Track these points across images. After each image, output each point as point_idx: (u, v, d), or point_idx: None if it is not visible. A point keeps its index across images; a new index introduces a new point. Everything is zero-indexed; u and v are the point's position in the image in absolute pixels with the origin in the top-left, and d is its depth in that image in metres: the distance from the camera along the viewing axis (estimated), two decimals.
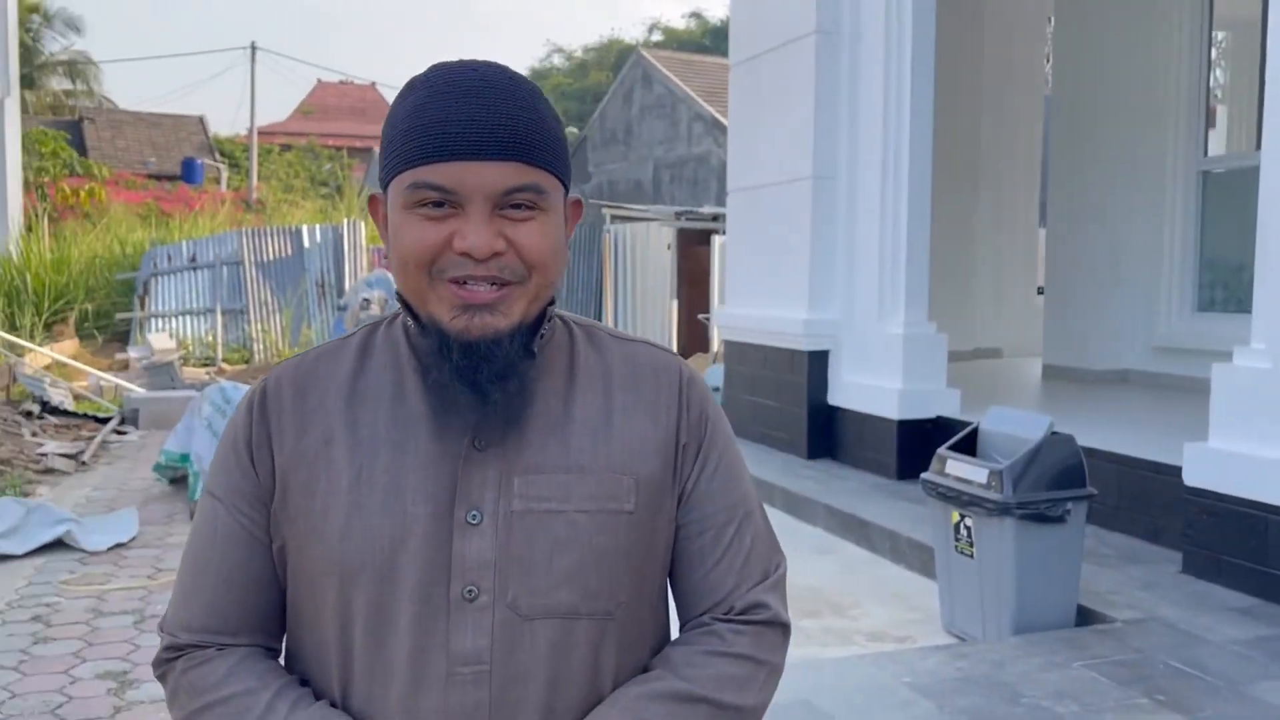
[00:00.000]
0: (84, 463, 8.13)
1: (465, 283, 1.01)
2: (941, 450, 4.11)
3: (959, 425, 5.19)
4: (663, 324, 14.07)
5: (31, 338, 12.88)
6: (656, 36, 51.72)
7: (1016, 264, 10.50)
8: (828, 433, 6.95)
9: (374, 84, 51.41)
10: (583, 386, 1.11)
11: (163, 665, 1.11)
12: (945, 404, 6.33)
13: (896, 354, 6.39)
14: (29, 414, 9.14)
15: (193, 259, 14.49)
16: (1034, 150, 10.63)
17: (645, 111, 25.14)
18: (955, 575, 4.04)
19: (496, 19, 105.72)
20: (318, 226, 14.97)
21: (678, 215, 13.77)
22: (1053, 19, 9.96)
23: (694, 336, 14.20)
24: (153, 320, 13.85)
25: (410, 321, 1.08)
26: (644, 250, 14.50)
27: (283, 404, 1.10)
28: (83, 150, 29.23)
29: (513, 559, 1.04)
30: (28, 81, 36.18)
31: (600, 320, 15.28)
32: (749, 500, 1.17)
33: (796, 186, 7.16)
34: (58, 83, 37.95)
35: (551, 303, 1.11)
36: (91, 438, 9.08)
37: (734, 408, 7.88)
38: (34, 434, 8.74)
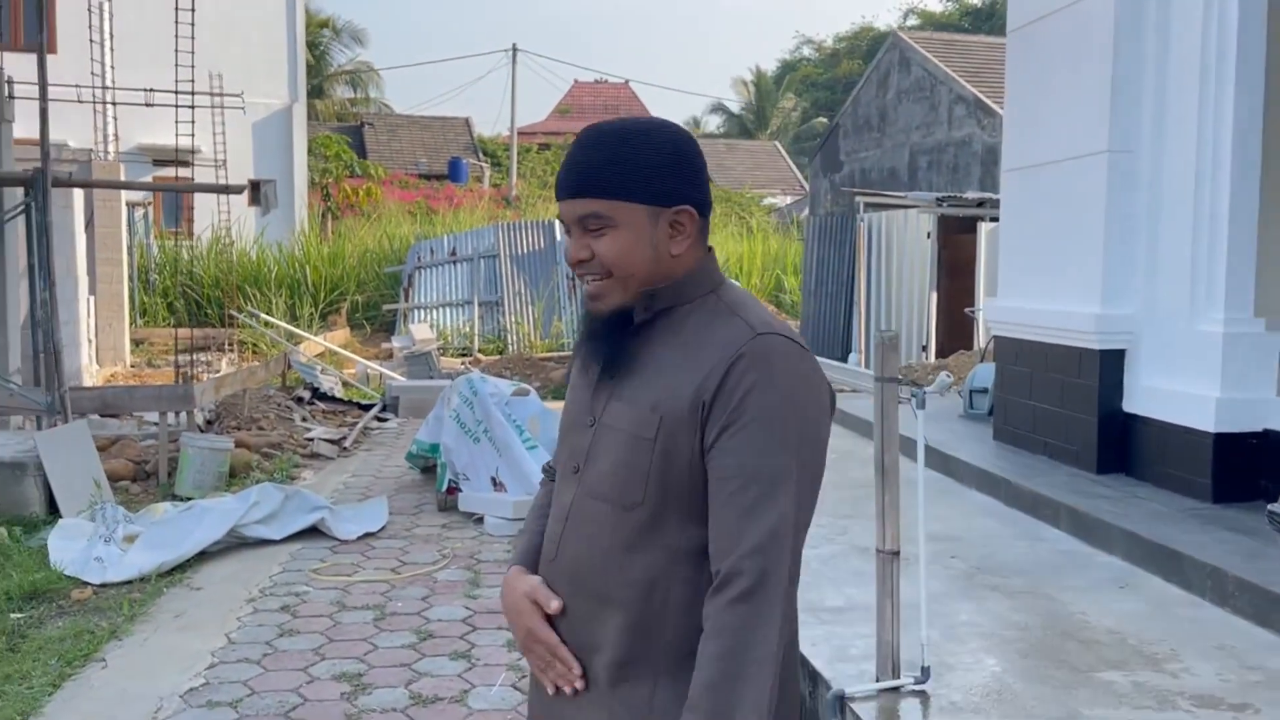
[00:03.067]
0: (346, 448, 8.41)
1: (584, 279, 1.50)
2: None
3: None
4: (920, 317, 13.20)
5: (308, 327, 13.74)
6: (912, 21, 49.94)
7: None
8: (1122, 445, 6.06)
9: (627, 82, 52.52)
10: (671, 346, 1.48)
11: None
12: (1277, 415, 5.32)
13: (1214, 355, 5.43)
14: (300, 400, 9.62)
15: (453, 253, 15.03)
16: None
17: (902, 96, 23.96)
18: None
19: (744, 14, 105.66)
20: None
21: (939, 201, 12.86)
22: None
23: (955, 331, 13.23)
24: (415, 311, 14.48)
25: None
26: (900, 239, 13.67)
27: None
28: (363, 153, 31.31)
29: (592, 453, 1.51)
30: (317, 91, 39.33)
31: (854, 312, 14.65)
32: (773, 473, 1.38)
33: (1087, 163, 6.29)
34: (343, 91, 40.98)
35: (678, 286, 1.49)
36: (354, 424, 9.44)
37: (1007, 412, 7.08)
38: (303, 419, 9.17)
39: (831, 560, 4.98)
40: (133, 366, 12.42)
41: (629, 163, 1.42)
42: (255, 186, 19.51)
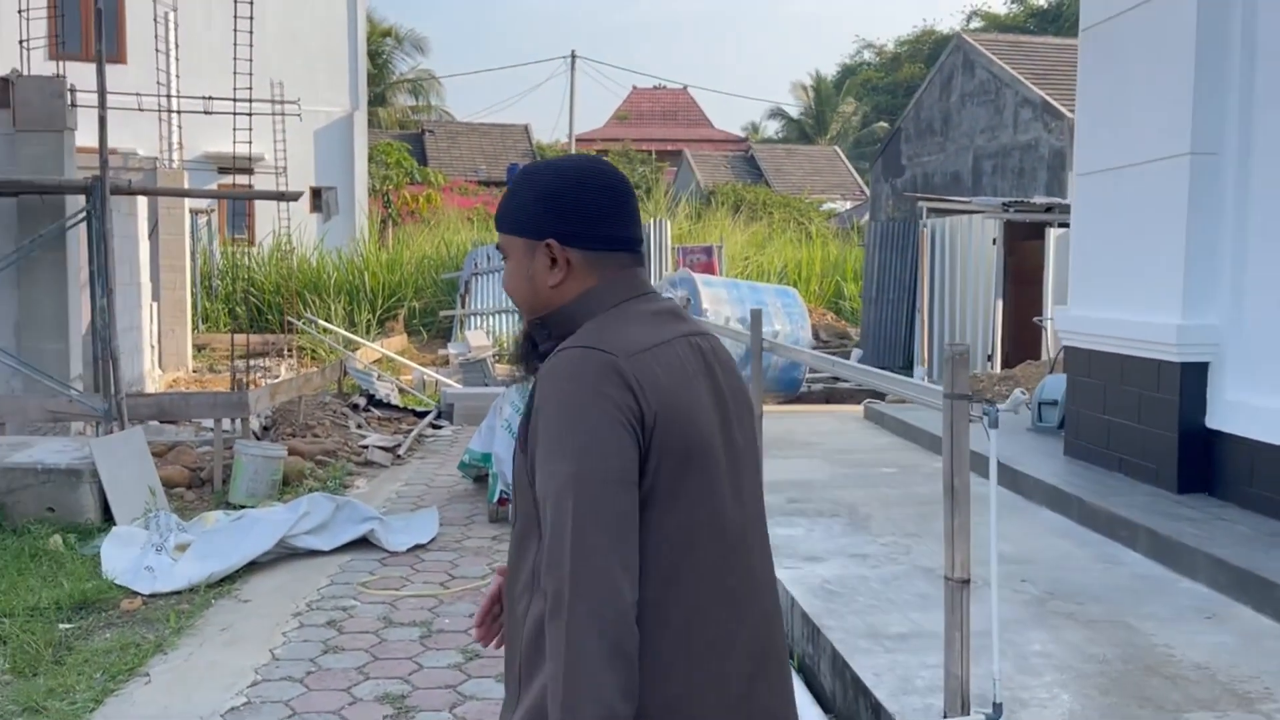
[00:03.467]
0: (400, 456, 8.36)
1: None
2: None
3: None
4: (985, 326, 12.84)
5: (366, 333, 13.80)
6: (975, 23, 49.14)
7: None
8: (1205, 463, 5.74)
9: (685, 87, 52.44)
10: None
11: None
12: None
13: None
14: (355, 406, 9.61)
15: None
16: None
17: (965, 99, 23.50)
18: None
19: (805, 19, 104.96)
20: None
21: (1005, 206, 12.51)
22: None
23: (1021, 341, 12.86)
24: (472, 318, 14.48)
25: None
26: (964, 245, 13.33)
27: None
28: (423, 160, 31.55)
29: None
30: (379, 99, 39.76)
31: (915, 320, 14.33)
32: (558, 489, 1.36)
33: (1168, 166, 5.99)
34: (404, 99, 41.39)
35: (561, 317, 1.54)
36: (409, 431, 9.41)
37: (1079, 426, 6.79)
38: (358, 426, 9.15)
39: (894, 582, 4.77)
40: (194, 372, 12.56)
41: (513, 199, 1.56)
42: (316, 194, 19.70)
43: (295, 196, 7.99)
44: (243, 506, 6.65)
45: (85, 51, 19.36)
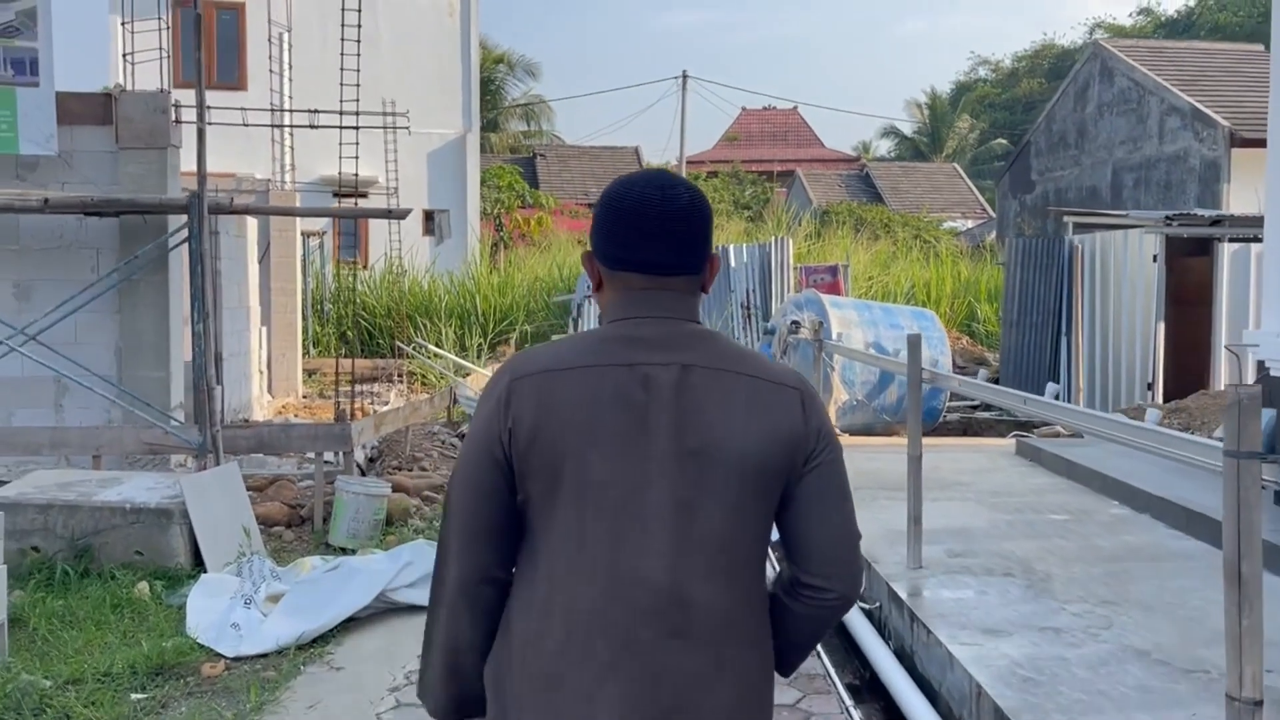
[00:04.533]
0: None
1: None
2: None
3: None
4: (1145, 351, 11.67)
5: (477, 357, 13.37)
6: (1100, 36, 47.22)
7: None
8: None
9: (795, 107, 51.73)
10: None
11: None
12: None
13: None
14: (464, 436, 9.10)
15: None
16: None
17: (1103, 109, 22.13)
18: None
19: (914, 40, 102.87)
20: (744, 246, 14.32)
21: (1168, 220, 11.35)
22: None
23: (1184, 368, 11.65)
24: None
25: None
26: (1119, 263, 12.19)
27: None
28: (534, 184, 31.47)
29: None
30: (492, 125, 40.06)
31: (1061, 345, 13.24)
32: None
33: None
34: (516, 125, 41.66)
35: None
36: None
37: None
38: None
39: (1103, 668, 3.90)
40: (305, 397, 12.29)
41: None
42: (429, 216, 19.51)
43: (403, 214, 7.53)
44: (343, 549, 6.15)
45: (208, 76, 19.69)
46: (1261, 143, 16.66)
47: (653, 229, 1.57)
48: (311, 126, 8.23)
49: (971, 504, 7.02)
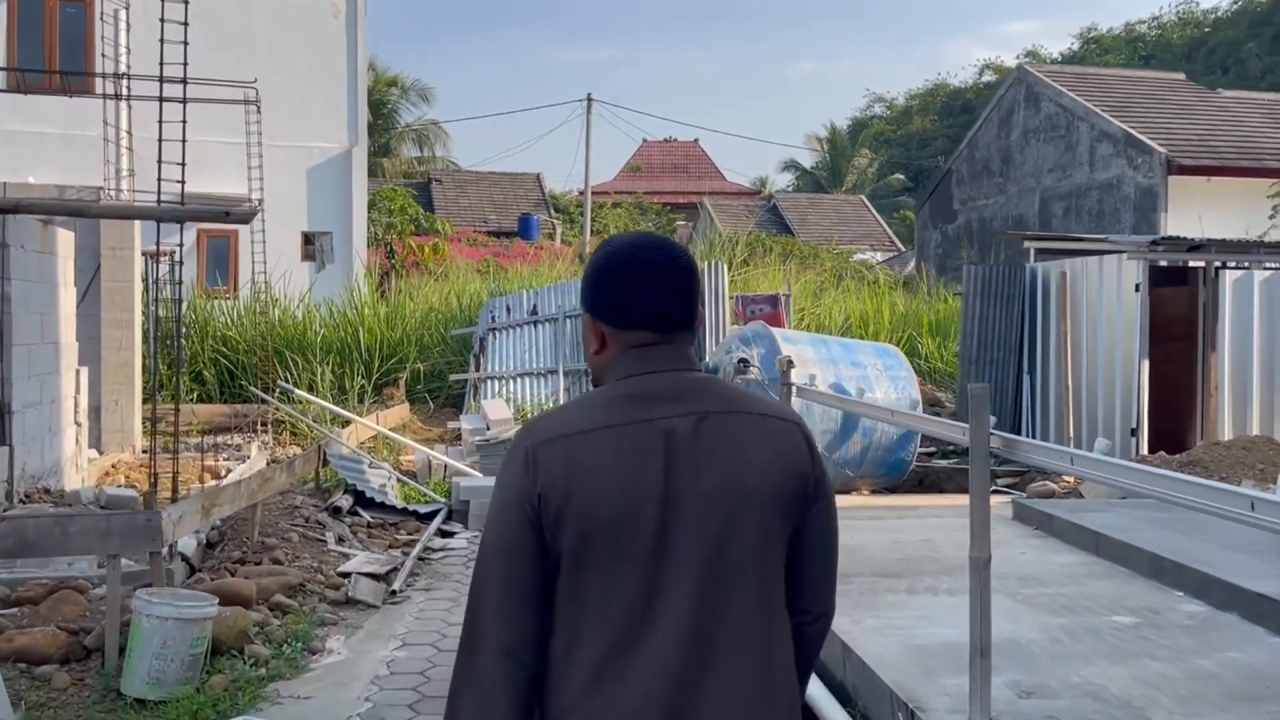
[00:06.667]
0: (395, 591, 5.84)
1: None
2: None
3: None
4: (1125, 391, 10.35)
5: (359, 402, 11.31)
6: (989, 77, 47.92)
7: None
8: None
9: (696, 140, 51.22)
10: None
11: None
12: None
13: None
14: (337, 510, 7.10)
15: (534, 310, 12.54)
16: None
17: (1029, 135, 21.32)
18: None
19: (808, 80, 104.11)
20: None
21: (1153, 245, 10.08)
22: None
23: (1168, 409, 10.36)
24: (488, 383, 11.97)
25: None
26: (1090, 293, 10.89)
27: None
28: (430, 210, 29.50)
29: None
30: (384, 150, 37.96)
31: (1030, 383, 11.95)
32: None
33: None
34: (410, 150, 39.73)
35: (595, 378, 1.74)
36: (411, 542, 6.91)
37: None
38: (340, 539, 6.64)
39: None
40: (144, 452, 10.05)
41: (585, 271, 1.75)
42: (309, 239, 17.26)
43: (247, 217, 5.59)
44: (142, 701, 4.17)
45: (49, 81, 17.17)
46: (1200, 170, 15.76)
47: (664, 287, 1.66)
48: (155, 100, 6.07)
49: (1003, 599, 5.36)
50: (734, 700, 1.55)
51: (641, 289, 1.64)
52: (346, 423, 9.65)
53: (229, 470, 8.82)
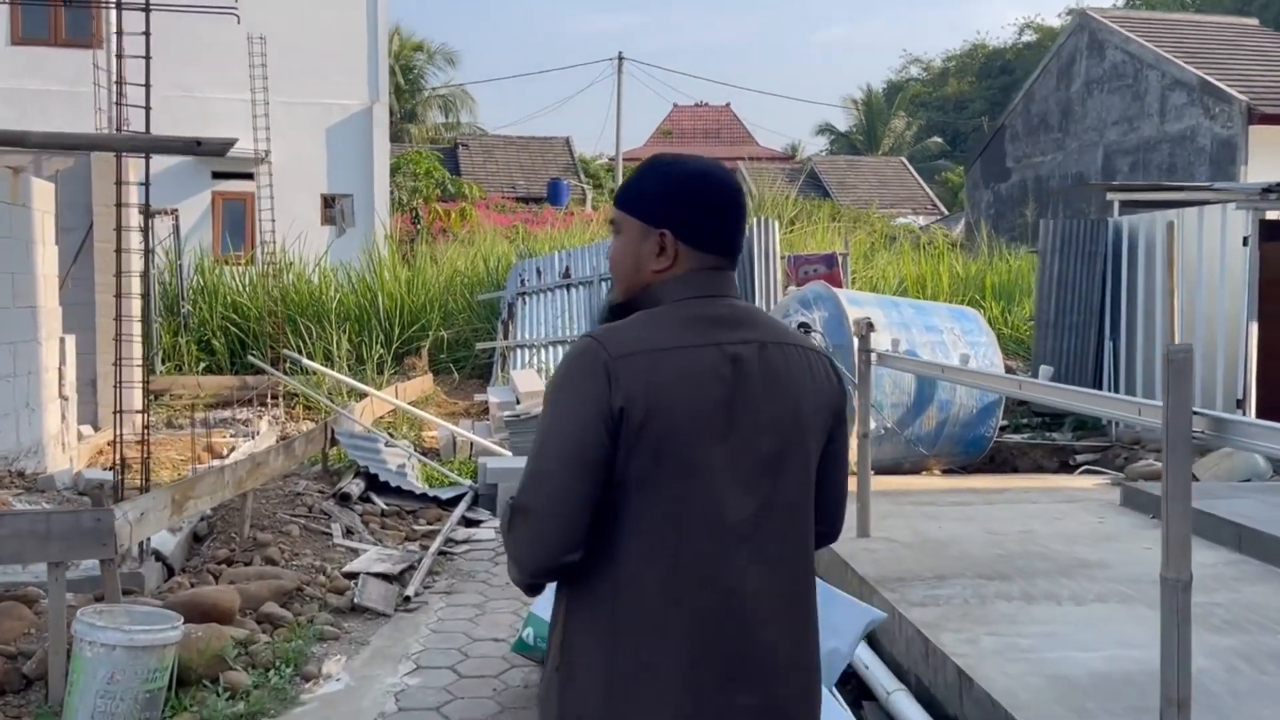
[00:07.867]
0: (409, 597, 4.91)
1: None
2: None
3: None
4: (1228, 358, 9.24)
5: (379, 373, 10.39)
6: (1029, 37, 46.21)
7: None
8: None
9: (728, 104, 50.15)
10: None
11: None
12: None
13: None
14: (346, 497, 6.17)
15: (566, 273, 11.53)
16: None
17: (1092, 86, 19.96)
18: None
19: (838, 46, 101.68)
20: None
21: (1265, 192, 8.93)
22: None
23: (1275, 377, 9.23)
24: (518, 351, 11.00)
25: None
26: (1184, 250, 9.74)
27: None
28: (457, 175, 28.55)
29: None
30: (410, 115, 37.05)
31: (1113, 348, 10.86)
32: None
33: None
34: (435, 116, 38.82)
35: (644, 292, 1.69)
36: (431, 533, 5.99)
37: None
38: (348, 531, 5.72)
39: None
40: (147, 429, 9.18)
41: (641, 183, 1.72)
42: (329, 202, 16.32)
43: (221, 149, 4.66)
44: None
45: (54, 35, 16.37)
46: None
47: (740, 217, 1.73)
48: (145, 34, 5.10)
49: (1142, 609, 4.39)
50: (798, 624, 1.64)
51: (725, 214, 1.69)
52: (363, 395, 8.73)
53: (233, 449, 7.95)
